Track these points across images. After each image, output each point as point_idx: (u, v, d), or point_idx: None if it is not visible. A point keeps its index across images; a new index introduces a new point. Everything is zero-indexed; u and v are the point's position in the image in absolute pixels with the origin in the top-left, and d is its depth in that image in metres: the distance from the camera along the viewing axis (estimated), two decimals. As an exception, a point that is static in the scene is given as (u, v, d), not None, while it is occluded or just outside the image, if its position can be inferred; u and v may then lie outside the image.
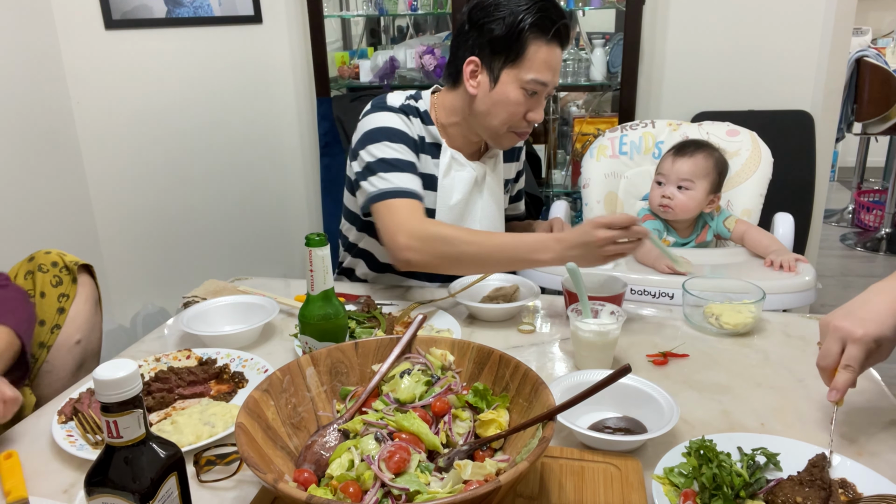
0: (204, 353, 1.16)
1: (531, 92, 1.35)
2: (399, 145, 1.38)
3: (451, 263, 1.30)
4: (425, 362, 0.89)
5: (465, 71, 1.37)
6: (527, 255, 1.25)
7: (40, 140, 2.45)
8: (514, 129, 1.41)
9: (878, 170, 5.13)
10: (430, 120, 1.46)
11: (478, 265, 1.31)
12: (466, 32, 1.37)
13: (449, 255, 1.27)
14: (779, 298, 1.39)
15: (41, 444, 0.96)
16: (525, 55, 1.32)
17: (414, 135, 1.43)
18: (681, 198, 1.62)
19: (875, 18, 5.44)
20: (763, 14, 2.35)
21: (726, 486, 0.74)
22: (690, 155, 1.64)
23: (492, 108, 1.37)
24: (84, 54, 2.53)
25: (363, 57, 2.67)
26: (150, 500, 0.62)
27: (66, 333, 1.28)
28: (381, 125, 1.40)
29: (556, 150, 2.75)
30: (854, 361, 0.84)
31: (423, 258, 1.28)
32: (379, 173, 1.35)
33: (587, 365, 1.10)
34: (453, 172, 1.46)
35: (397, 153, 1.37)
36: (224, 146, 2.69)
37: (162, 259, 2.81)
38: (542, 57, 1.33)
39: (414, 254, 1.27)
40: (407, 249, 1.27)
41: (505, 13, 1.31)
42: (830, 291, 3.48)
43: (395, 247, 1.29)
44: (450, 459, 0.76)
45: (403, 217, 1.30)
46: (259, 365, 1.12)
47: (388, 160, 1.36)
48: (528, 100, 1.36)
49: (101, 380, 0.59)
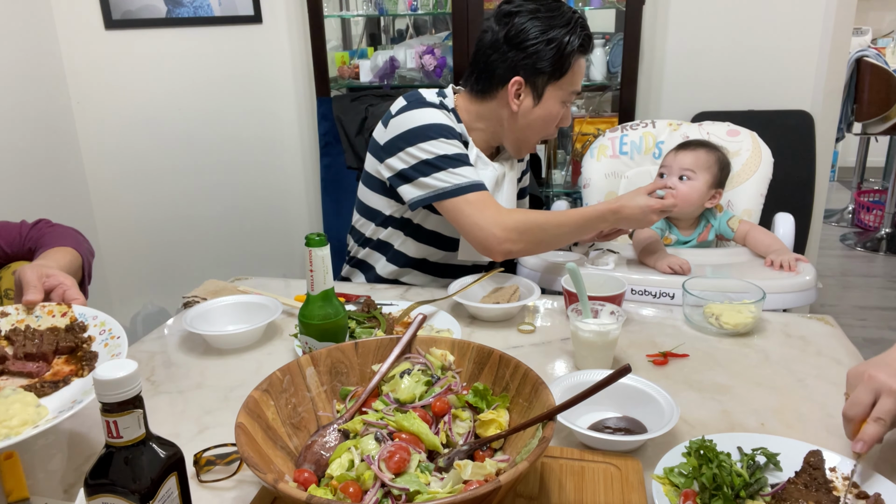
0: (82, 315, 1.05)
1: (566, 103, 1.44)
2: (455, 141, 1.41)
3: (545, 246, 1.43)
4: (425, 362, 0.89)
5: (511, 91, 1.40)
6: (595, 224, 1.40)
7: (40, 140, 2.45)
8: (546, 137, 1.50)
9: (878, 170, 5.13)
10: (459, 118, 1.48)
11: (563, 242, 1.45)
12: (505, 52, 1.39)
13: (545, 240, 1.39)
14: (779, 298, 1.39)
15: (41, 444, 0.96)
16: (570, 71, 1.40)
17: (458, 130, 1.45)
18: (682, 188, 1.62)
19: (875, 18, 5.44)
20: (763, 14, 2.35)
21: (726, 486, 0.74)
22: (693, 149, 1.66)
23: (533, 122, 1.44)
24: (84, 54, 2.53)
25: (363, 57, 2.67)
26: (150, 500, 0.62)
27: None
28: (430, 122, 1.40)
29: (556, 150, 2.75)
30: (887, 415, 0.79)
31: (522, 247, 1.36)
32: (448, 169, 1.36)
33: (587, 365, 1.10)
34: (479, 170, 1.47)
35: (457, 149, 1.40)
36: (224, 146, 2.69)
37: (162, 259, 2.81)
38: (579, 70, 1.42)
39: (513, 244, 1.34)
40: (506, 241, 1.33)
41: (552, 36, 1.36)
42: (830, 291, 3.49)
43: (492, 240, 1.33)
44: (450, 459, 0.76)
45: (491, 211, 1.34)
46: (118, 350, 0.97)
47: (452, 156, 1.37)
48: (562, 109, 1.45)
49: (101, 380, 0.59)
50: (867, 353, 0.96)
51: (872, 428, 0.80)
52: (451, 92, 1.52)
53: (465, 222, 1.36)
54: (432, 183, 1.36)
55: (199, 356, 1.21)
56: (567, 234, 1.40)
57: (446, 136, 1.39)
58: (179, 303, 1.41)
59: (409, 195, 1.40)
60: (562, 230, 1.38)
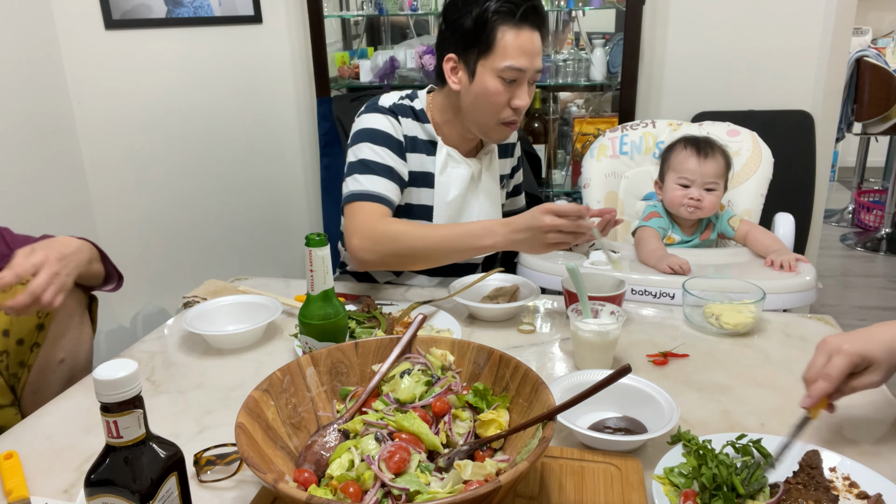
0: None
1: (509, 80, 1.35)
2: (381, 147, 1.40)
3: (403, 259, 1.34)
4: (425, 362, 0.89)
5: (446, 69, 1.39)
6: (472, 241, 1.27)
7: (40, 140, 2.44)
8: (502, 120, 1.41)
9: (878, 170, 5.13)
10: (426, 118, 1.47)
11: (428, 258, 1.33)
12: (443, 31, 1.40)
13: (399, 252, 1.31)
14: (779, 298, 1.39)
15: (41, 444, 0.96)
16: (495, 44, 1.32)
17: (399, 136, 1.44)
18: (710, 198, 1.63)
19: (875, 18, 5.44)
20: (763, 14, 2.35)
21: (726, 487, 0.74)
22: (713, 156, 1.64)
23: (475, 101, 1.38)
24: (84, 54, 2.53)
25: (363, 57, 2.67)
26: (151, 500, 0.62)
27: (49, 352, 1.18)
28: (367, 126, 1.43)
29: (556, 150, 2.75)
30: (834, 371, 0.84)
31: (375, 257, 1.32)
32: (354, 174, 1.39)
33: (587, 365, 1.10)
34: (449, 170, 1.48)
35: (376, 156, 1.40)
36: (224, 146, 2.69)
37: (162, 259, 2.81)
38: (513, 42, 1.32)
39: (367, 254, 1.31)
40: (360, 250, 1.32)
41: (471, 6, 1.33)
42: (830, 291, 3.48)
43: (350, 248, 1.34)
44: (450, 459, 0.76)
45: (361, 219, 1.34)
46: None
47: (366, 162, 1.39)
48: (509, 87, 1.36)
49: (101, 380, 0.59)
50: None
51: (819, 384, 0.85)
52: (425, 92, 1.51)
53: (344, 228, 1.38)
54: (343, 188, 1.41)
55: (199, 356, 1.21)
56: (429, 248, 1.29)
57: (374, 140, 1.40)
58: (179, 303, 1.41)
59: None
60: (418, 242, 1.29)
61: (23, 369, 1.17)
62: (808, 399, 0.85)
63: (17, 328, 1.15)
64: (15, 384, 1.17)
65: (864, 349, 0.84)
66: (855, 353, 0.84)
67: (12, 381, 1.17)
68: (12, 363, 1.16)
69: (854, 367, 0.85)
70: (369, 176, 1.38)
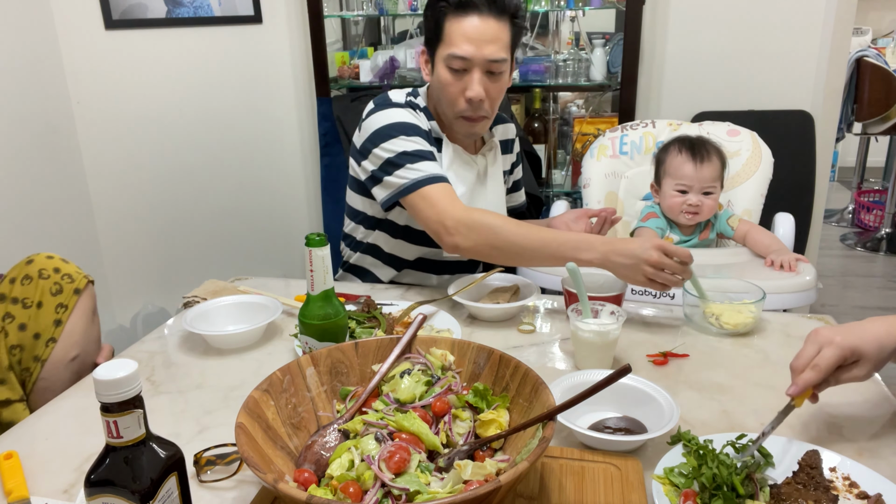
0: None
1: (457, 69, 1.35)
2: (416, 137, 1.39)
3: (498, 253, 1.29)
4: (425, 362, 0.89)
5: (420, 63, 1.45)
6: (572, 252, 1.22)
7: (40, 140, 2.45)
8: (459, 114, 1.40)
9: (878, 170, 5.13)
10: (431, 115, 1.48)
11: (521, 257, 1.30)
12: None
13: (496, 245, 1.27)
14: (779, 298, 1.39)
15: (41, 444, 0.96)
16: (444, 34, 1.35)
17: (426, 127, 1.44)
18: (708, 203, 1.64)
19: (875, 18, 5.44)
20: (763, 14, 2.34)
21: (726, 487, 0.74)
22: (709, 160, 1.63)
23: (438, 94, 1.42)
24: (84, 54, 2.53)
25: (363, 57, 2.67)
26: (151, 500, 0.62)
27: (63, 349, 1.21)
28: (393, 121, 1.39)
29: (556, 150, 2.75)
30: (823, 362, 0.84)
31: (470, 244, 1.28)
32: (406, 165, 1.35)
33: (587, 365, 1.10)
34: (456, 166, 1.47)
35: (417, 144, 1.38)
36: (224, 146, 2.69)
37: (162, 259, 2.81)
38: (456, 30, 1.33)
39: (462, 239, 1.28)
40: (456, 234, 1.28)
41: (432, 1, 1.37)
42: (830, 291, 3.48)
43: (443, 231, 1.30)
44: (450, 459, 0.76)
45: (447, 203, 1.31)
46: None
47: (411, 152, 1.36)
48: (460, 78, 1.36)
49: (101, 380, 0.59)
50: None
51: (807, 374, 0.85)
52: (425, 90, 1.52)
53: (421, 216, 1.35)
54: (394, 181, 1.36)
55: (199, 356, 1.21)
56: (526, 247, 1.26)
57: (407, 132, 1.38)
58: (179, 303, 1.41)
59: (378, 196, 1.42)
60: (517, 239, 1.26)
61: (36, 364, 1.18)
62: (795, 388, 0.86)
63: (35, 323, 1.18)
64: (27, 378, 1.19)
65: (856, 343, 0.85)
66: (846, 347, 0.85)
67: (24, 376, 1.18)
68: (26, 357, 1.18)
69: (843, 360, 0.85)
70: (424, 162, 1.35)
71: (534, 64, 2.49)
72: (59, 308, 1.20)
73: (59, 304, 1.20)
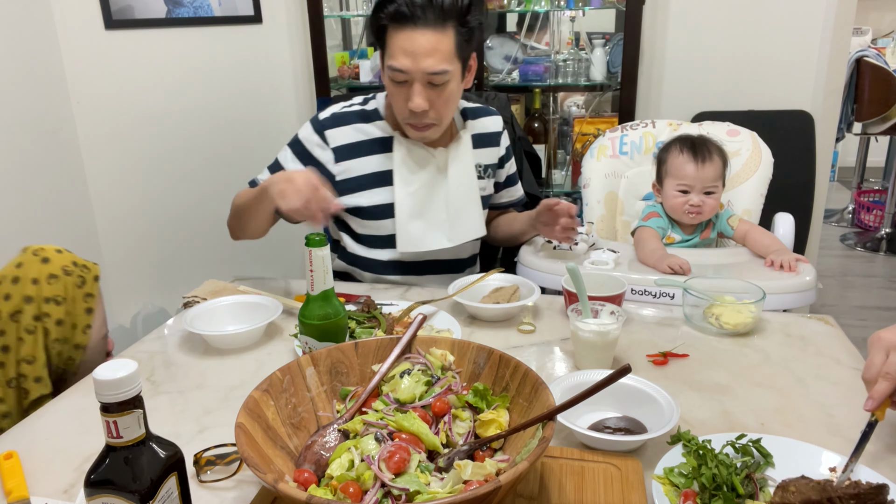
0: None
1: (399, 81, 1.36)
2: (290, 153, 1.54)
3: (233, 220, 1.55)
4: (425, 362, 0.89)
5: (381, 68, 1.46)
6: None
7: (40, 140, 2.44)
8: (406, 121, 1.43)
9: (878, 170, 5.13)
10: (380, 117, 1.51)
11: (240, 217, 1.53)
12: None
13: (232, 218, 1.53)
14: (779, 298, 1.39)
15: (41, 444, 0.96)
16: (386, 44, 1.36)
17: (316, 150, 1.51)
18: (710, 202, 1.64)
19: (875, 18, 5.44)
20: (763, 14, 2.35)
21: (726, 487, 0.74)
22: (710, 160, 1.63)
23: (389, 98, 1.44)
24: (84, 54, 2.53)
25: (363, 57, 2.67)
26: (150, 500, 0.62)
27: (97, 331, 1.31)
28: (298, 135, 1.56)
29: (556, 150, 2.75)
30: (893, 368, 0.80)
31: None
32: (267, 167, 1.57)
33: (587, 365, 1.10)
34: (408, 164, 1.49)
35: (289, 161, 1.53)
36: (224, 146, 2.69)
37: (162, 259, 2.81)
38: (395, 42, 1.33)
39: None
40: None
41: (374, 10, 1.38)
42: (830, 291, 3.48)
43: None
44: (450, 459, 0.76)
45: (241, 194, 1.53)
46: None
47: (275, 163, 1.56)
48: (403, 88, 1.37)
49: (101, 380, 0.59)
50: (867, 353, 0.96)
51: (881, 384, 0.81)
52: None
53: None
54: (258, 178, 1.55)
55: (199, 356, 1.21)
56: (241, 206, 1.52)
57: (293, 147, 1.55)
58: (179, 303, 1.41)
59: None
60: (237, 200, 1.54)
61: (78, 351, 1.28)
62: (872, 402, 0.81)
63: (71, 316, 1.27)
64: (70, 366, 1.27)
65: None
66: None
67: (68, 364, 1.27)
68: (67, 348, 1.26)
69: None
70: (267, 172, 1.56)
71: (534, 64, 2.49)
72: (87, 297, 1.29)
73: (87, 293, 1.29)
